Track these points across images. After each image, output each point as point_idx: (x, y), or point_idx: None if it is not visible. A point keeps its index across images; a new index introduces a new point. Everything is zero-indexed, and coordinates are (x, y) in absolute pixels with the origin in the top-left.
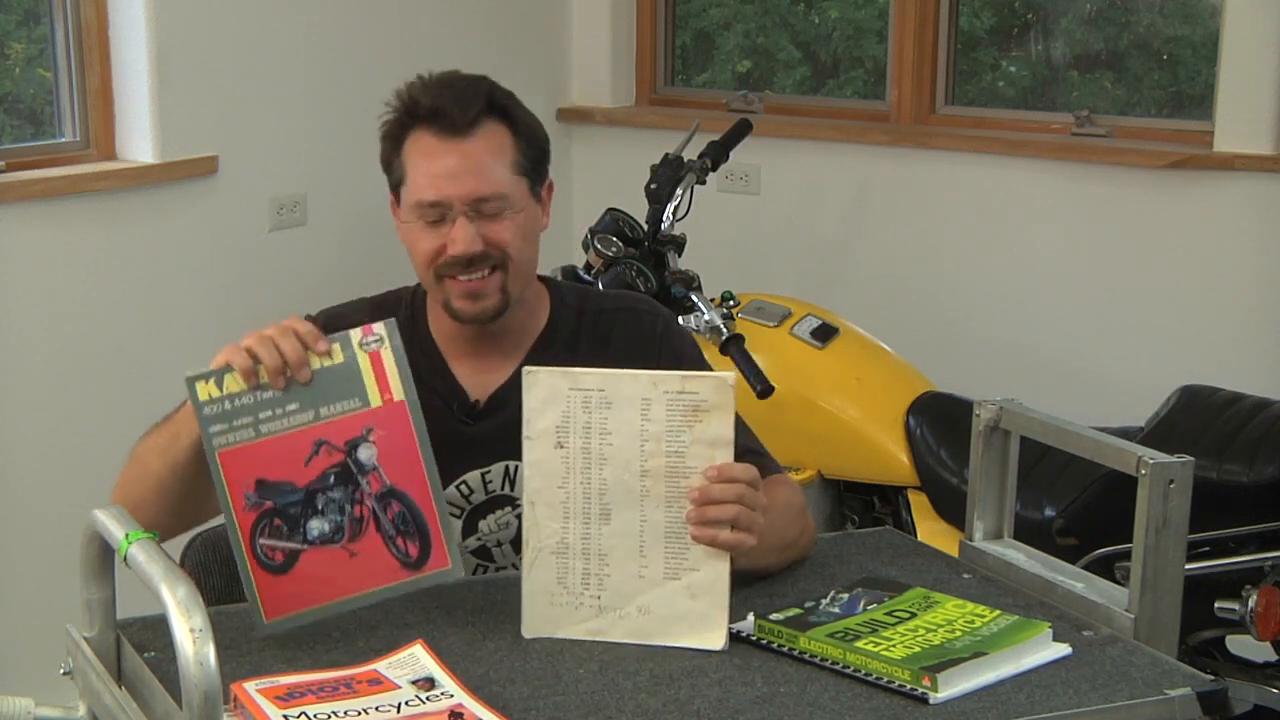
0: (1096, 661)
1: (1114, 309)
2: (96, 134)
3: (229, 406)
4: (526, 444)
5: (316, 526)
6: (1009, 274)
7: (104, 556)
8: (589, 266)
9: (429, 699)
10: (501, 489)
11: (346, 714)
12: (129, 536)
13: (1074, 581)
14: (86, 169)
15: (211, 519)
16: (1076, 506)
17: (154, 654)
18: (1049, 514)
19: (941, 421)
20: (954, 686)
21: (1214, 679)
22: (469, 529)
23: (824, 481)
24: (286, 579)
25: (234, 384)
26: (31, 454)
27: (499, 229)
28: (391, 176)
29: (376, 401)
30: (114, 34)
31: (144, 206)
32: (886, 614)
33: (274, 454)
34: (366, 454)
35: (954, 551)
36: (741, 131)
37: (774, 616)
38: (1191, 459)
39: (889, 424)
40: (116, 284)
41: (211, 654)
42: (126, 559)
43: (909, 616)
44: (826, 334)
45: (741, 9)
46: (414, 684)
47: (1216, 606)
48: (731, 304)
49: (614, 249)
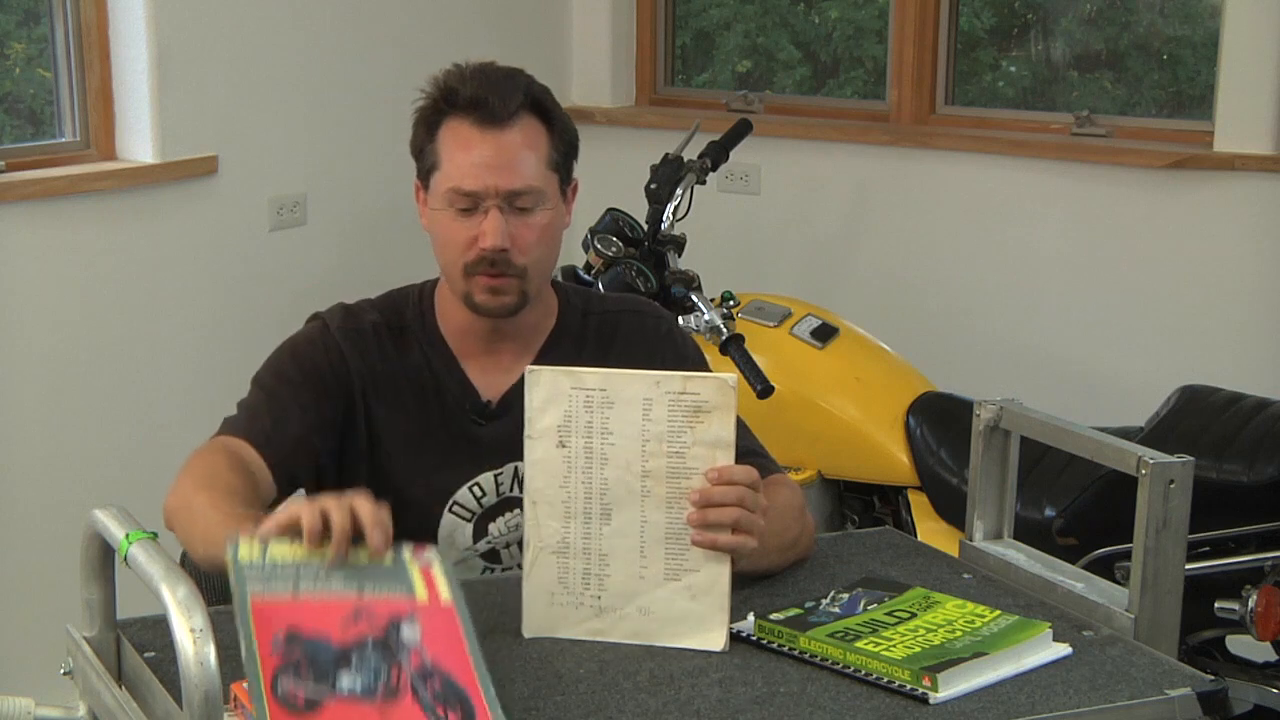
0: (1096, 661)
1: (1114, 309)
2: (96, 134)
3: (269, 570)
4: (528, 443)
5: (348, 680)
6: (1009, 274)
7: (104, 556)
8: (589, 266)
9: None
10: (512, 490)
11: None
12: (129, 536)
13: (1074, 581)
14: (86, 169)
15: None
16: (1076, 506)
17: (154, 654)
18: (1049, 514)
19: (941, 421)
20: (954, 686)
21: (1214, 679)
22: (479, 532)
23: (824, 481)
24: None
25: (279, 552)
26: (31, 454)
27: (528, 227)
28: (422, 163)
29: (423, 596)
30: (114, 34)
31: (144, 206)
32: (887, 614)
33: (310, 612)
34: (410, 632)
35: (954, 551)
36: (741, 131)
37: (774, 616)
38: (1191, 459)
39: (889, 424)
40: (116, 284)
41: (211, 654)
42: (126, 559)
43: (909, 616)
44: (826, 334)
45: (741, 9)
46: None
47: (1216, 606)
48: (731, 304)
49: (614, 249)
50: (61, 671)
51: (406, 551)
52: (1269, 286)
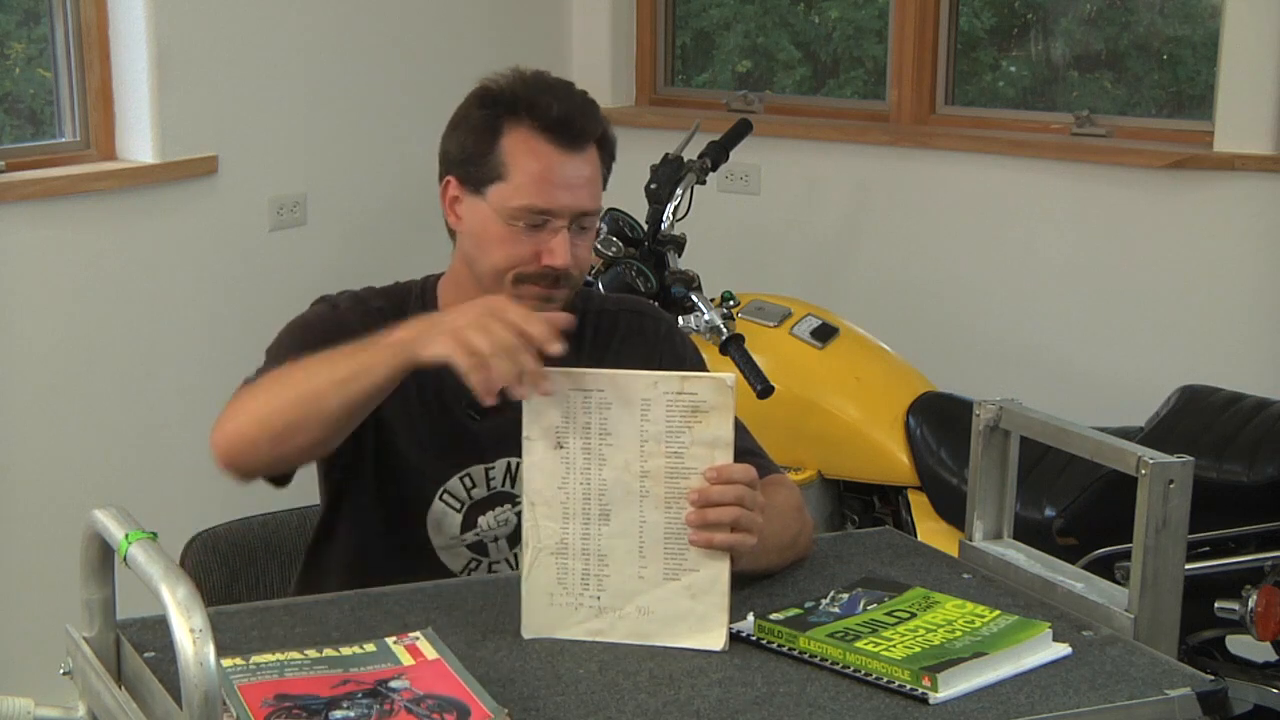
0: (1096, 661)
1: (1114, 309)
2: (96, 134)
3: (253, 669)
4: (526, 444)
5: (341, 714)
6: (1009, 274)
7: (104, 556)
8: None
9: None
10: (503, 485)
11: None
12: (129, 536)
13: (1074, 581)
14: (86, 169)
15: (307, 460)
16: (1076, 506)
17: (154, 654)
18: (1049, 514)
19: (941, 421)
20: (954, 686)
21: (1214, 679)
22: (468, 523)
23: (824, 481)
24: None
25: (261, 658)
26: (31, 454)
27: (584, 246)
28: (475, 168)
29: (410, 662)
30: (114, 34)
31: (144, 206)
32: (886, 614)
33: (297, 684)
34: (399, 683)
35: (954, 551)
36: (741, 131)
37: (774, 616)
38: (1191, 459)
39: (889, 424)
40: (116, 284)
41: (211, 654)
42: (126, 559)
43: (909, 616)
44: (826, 334)
45: (741, 9)
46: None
47: (1216, 606)
48: (731, 304)
49: (614, 249)
50: (61, 671)
51: (390, 639)
52: (1269, 286)
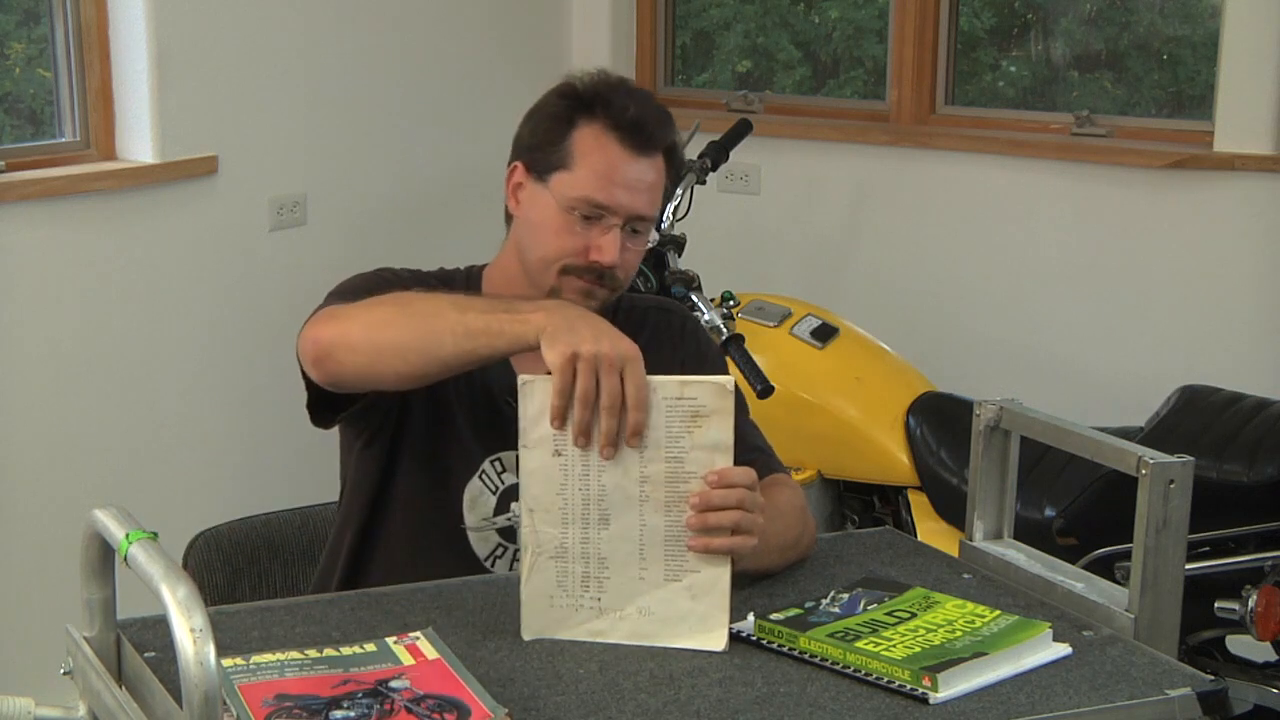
0: (1096, 661)
1: (1114, 309)
2: (96, 134)
3: (253, 668)
4: (523, 452)
5: (341, 714)
6: (1009, 274)
7: (104, 556)
8: None
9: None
10: None
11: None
12: (129, 536)
13: (1074, 581)
14: (86, 169)
15: (390, 387)
16: (1076, 506)
17: (154, 654)
18: (1049, 514)
19: (941, 421)
20: (954, 686)
21: (1214, 679)
22: (501, 507)
23: (824, 481)
24: None
25: (262, 658)
26: (31, 454)
27: (634, 251)
28: (541, 154)
29: (410, 661)
30: (114, 34)
31: (144, 206)
32: (887, 614)
33: (297, 684)
34: (399, 683)
35: (954, 551)
36: (741, 131)
37: (774, 616)
38: (1191, 459)
39: (889, 424)
40: (116, 284)
41: (211, 654)
42: (126, 559)
43: (909, 616)
44: (826, 334)
45: (741, 9)
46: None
47: (1216, 606)
48: (731, 304)
49: None
50: (61, 671)
51: (391, 639)
52: (1269, 286)
